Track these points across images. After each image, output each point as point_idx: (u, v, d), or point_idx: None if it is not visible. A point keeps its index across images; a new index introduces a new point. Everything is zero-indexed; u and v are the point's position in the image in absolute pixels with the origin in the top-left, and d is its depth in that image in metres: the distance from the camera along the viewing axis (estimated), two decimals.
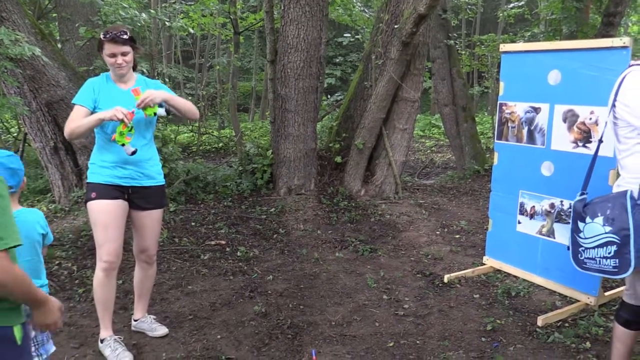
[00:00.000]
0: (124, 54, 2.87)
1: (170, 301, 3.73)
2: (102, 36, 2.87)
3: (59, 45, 7.10)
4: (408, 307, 3.65)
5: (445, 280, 4.08)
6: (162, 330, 3.24)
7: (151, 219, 3.09)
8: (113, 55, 2.86)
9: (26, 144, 6.82)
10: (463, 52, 11.95)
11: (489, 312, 3.56)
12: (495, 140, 4.20)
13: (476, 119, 9.76)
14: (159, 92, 2.90)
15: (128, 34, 2.88)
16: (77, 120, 2.79)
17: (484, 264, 4.34)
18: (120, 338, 3.04)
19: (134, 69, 3.06)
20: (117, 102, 2.83)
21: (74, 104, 2.88)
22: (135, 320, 3.30)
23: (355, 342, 3.17)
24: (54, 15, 8.48)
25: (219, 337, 3.23)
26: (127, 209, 2.97)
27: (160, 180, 3.09)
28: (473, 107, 10.76)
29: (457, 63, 8.93)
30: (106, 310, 3.01)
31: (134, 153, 2.84)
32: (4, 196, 1.53)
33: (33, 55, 4.40)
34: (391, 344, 3.15)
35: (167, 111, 2.97)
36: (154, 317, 3.35)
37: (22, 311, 1.66)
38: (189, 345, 3.14)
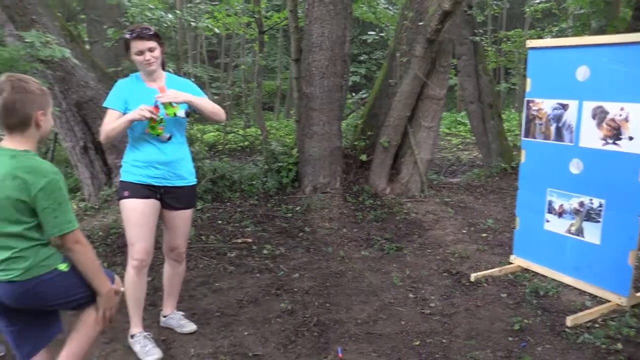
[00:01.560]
0: (151, 50, 2.89)
1: (198, 298, 3.79)
2: (127, 35, 2.89)
3: (88, 47, 7.26)
4: (434, 306, 3.63)
5: (472, 279, 4.05)
6: (190, 326, 3.30)
7: (182, 219, 3.13)
8: (141, 53, 2.88)
9: (57, 144, 6.99)
10: (489, 49, 11.82)
11: (517, 311, 3.53)
12: (523, 138, 4.15)
13: (503, 116, 9.63)
14: (182, 93, 2.91)
15: (152, 29, 2.91)
16: (110, 124, 2.86)
17: (512, 263, 4.30)
18: (149, 334, 3.10)
19: (163, 67, 3.08)
20: (147, 101, 2.86)
21: (106, 108, 2.94)
22: (164, 317, 3.35)
23: (381, 341, 3.18)
24: (83, 17, 8.67)
25: (245, 333, 3.27)
26: (159, 208, 3.01)
27: (191, 180, 3.12)
28: (500, 104, 10.63)
29: (483, 59, 8.82)
30: (137, 307, 3.07)
31: (169, 139, 2.90)
32: (64, 188, 1.96)
33: (63, 57, 4.50)
34: (417, 343, 3.14)
35: (187, 114, 2.99)
36: (183, 313, 3.40)
37: (60, 254, 2.11)
38: (217, 341, 3.18)
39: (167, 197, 3.03)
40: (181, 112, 2.93)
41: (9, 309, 2.07)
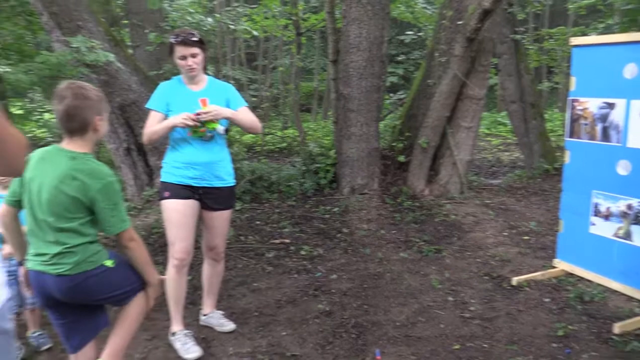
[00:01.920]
0: (193, 56, 2.94)
1: (236, 297, 3.83)
2: (172, 39, 2.95)
3: (130, 51, 7.44)
4: (474, 310, 3.57)
5: (514, 282, 3.96)
6: (229, 325, 3.34)
7: (221, 220, 3.17)
8: (184, 58, 2.94)
9: (101, 145, 7.19)
10: (531, 47, 11.53)
11: (561, 317, 3.43)
12: (567, 138, 4.03)
13: (545, 116, 9.38)
14: (224, 109, 2.95)
15: (197, 36, 2.95)
16: (152, 126, 2.93)
17: (555, 267, 4.18)
18: (190, 332, 3.15)
19: (204, 70, 3.13)
20: (188, 104, 2.93)
21: (148, 109, 3.01)
22: (204, 315, 3.41)
23: (420, 344, 3.14)
24: (125, 22, 8.89)
25: (283, 334, 3.29)
26: (198, 208, 3.07)
27: (230, 181, 3.15)
28: (542, 103, 10.37)
29: (525, 58, 8.62)
30: (177, 305, 3.13)
31: (212, 137, 2.96)
32: (119, 190, 2.12)
33: (107, 61, 4.64)
34: (457, 347, 3.09)
35: (227, 130, 3.05)
36: (222, 312, 3.45)
37: (105, 251, 2.22)
38: (255, 340, 3.21)
39: (206, 197, 3.07)
40: (220, 128, 2.97)
41: (59, 302, 2.16)
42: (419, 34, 10.63)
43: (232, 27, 7.72)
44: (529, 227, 5.33)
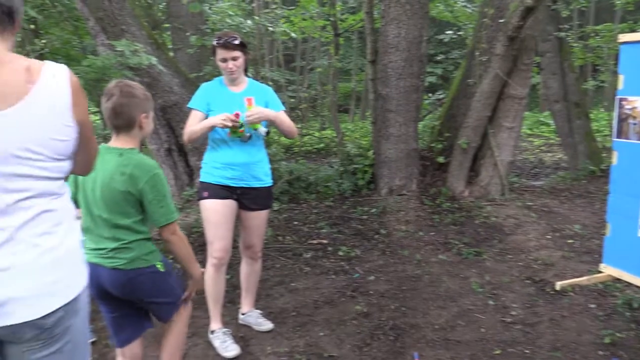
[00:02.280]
0: (234, 59, 2.97)
1: (274, 297, 3.85)
2: (214, 42, 2.99)
3: (172, 54, 7.59)
4: (516, 314, 3.49)
5: (557, 287, 3.85)
6: (267, 325, 3.36)
7: (258, 219, 3.20)
8: (224, 60, 2.98)
9: (143, 146, 7.37)
10: (575, 45, 11.20)
11: (607, 324, 3.31)
12: (614, 139, 3.89)
13: (591, 115, 9.09)
14: (268, 111, 2.99)
15: (239, 39, 2.98)
16: (192, 126, 2.98)
17: (601, 272, 4.04)
18: (229, 331, 3.19)
19: (245, 72, 3.17)
20: (228, 105, 2.97)
21: (190, 108, 3.06)
22: (242, 314, 3.44)
23: (460, 348, 3.09)
24: (167, 25, 9.09)
25: (321, 334, 3.29)
26: (236, 208, 3.10)
27: (267, 181, 3.18)
28: (587, 102, 10.05)
29: (569, 56, 8.38)
30: (216, 303, 3.17)
31: (250, 137, 2.98)
32: (166, 182, 2.17)
33: (150, 64, 4.74)
34: (498, 352, 3.03)
35: (267, 132, 3.07)
36: (260, 312, 3.47)
37: (158, 253, 2.28)
38: (293, 340, 3.22)
39: (244, 197, 3.10)
40: (262, 130, 3.01)
41: (111, 296, 2.24)
42: (459, 33, 10.45)
43: (270, 29, 7.76)
44: (573, 230, 5.18)
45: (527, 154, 12.41)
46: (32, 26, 7.03)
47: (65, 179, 1.54)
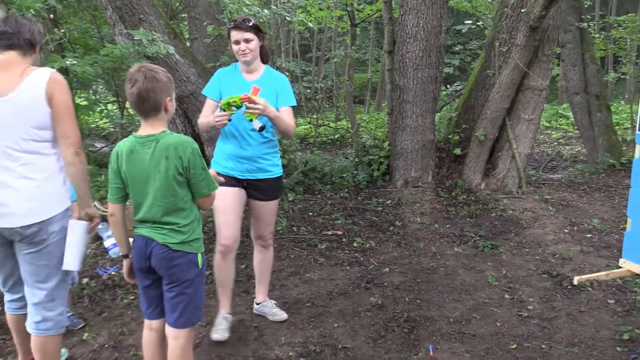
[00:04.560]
0: (247, 41, 2.92)
1: (289, 287, 3.86)
2: (229, 24, 2.97)
3: (188, 44, 7.60)
4: (532, 309, 3.45)
5: (575, 282, 3.80)
6: (282, 315, 3.36)
7: (267, 210, 3.19)
8: (237, 43, 2.93)
9: None
10: (597, 36, 10.99)
11: (626, 319, 3.26)
12: (638, 132, 3.81)
13: (611, 108, 8.93)
14: (271, 109, 2.86)
15: (252, 21, 2.93)
16: (205, 114, 2.98)
17: (621, 267, 3.98)
18: (229, 317, 3.19)
19: (264, 60, 3.11)
20: (238, 91, 2.88)
21: (204, 96, 3.06)
22: (257, 304, 3.45)
23: (475, 341, 3.06)
24: (184, 15, 9.09)
25: (335, 325, 3.28)
26: (244, 197, 3.09)
27: (275, 172, 3.13)
28: (608, 95, 9.87)
29: (591, 47, 8.23)
30: (223, 290, 3.17)
31: (262, 129, 2.86)
32: (201, 157, 2.22)
33: (167, 53, 4.75)
34: (514, 346, 3.00)
35: (261, 128, 2.87)
36: (275, 302, 3.48)
37: (202, 241, 2.36)
38: (307, 331, 3.22)
39: (251, 188, 3.09)
40: (257, 124, 2.85)
41: (153, 271, 2.29)
42: (478, 23, 10.32)
43: (288, 18, 7.73)
44: (591, 224, 5.10)
45: (545, 147, 12.26)
46: (52, 15, 7.07)
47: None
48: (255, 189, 3.10)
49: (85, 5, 7.59)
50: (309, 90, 13.60)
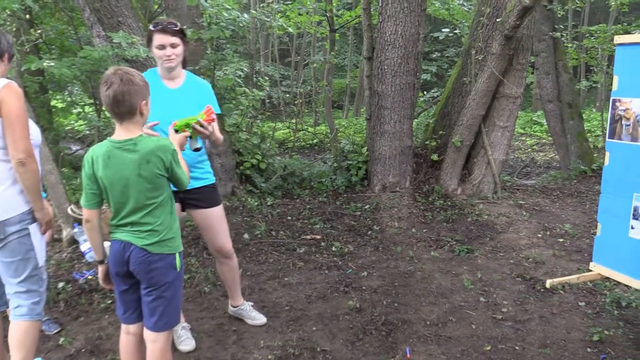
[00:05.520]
0: (173, 46, 2.78)
1: (267, 291, 3.87)
2: (151, 27, 2.81)
3: None
4: (506, 311, 3.53)
5: (548, 285, 3.90)
6: (261, 319, 3.37)
7: (214, 217, 3.07)
8: (162, 47, 2.78)
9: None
10: (570, 45, 11.25)
11: (596, 321, 3.36)
12: (607, 139, 3.94)
13: (583, 116, 9.15)
14: (218, 134, 2.76)
15: (178, 26, 2.83)
16: None
17: (591, 271, 4.09)
18: (187, 325, 3.21)
19: (184, 66, 2.97)
20: (161, 101, 2.75)
21: None
22: (233, 307, 3.44)
23: (451, 343, 3.12)
24: (162, 18, 9.04)
25: (314, 329, 3.31)
26: (180, 210, 2.96)
27: (210, 179, 3.05)
28: (580, 103, 10.11)
29: (564, 56, 8.43)
30: None
31: (197, 150, 2.72)
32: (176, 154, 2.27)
33: (147, 56, 4.72)
34: (488, 348, 3.07)
35: (197, 149, 2.73)
36: (252, 304, 3.49)
37: (180, 240, 2.37)
38: (286, 334, 3.24)
39: (190, 200, 2.98)
40: (194, 143, 2.69)
41: (131, 276, 2.31)
42: (455, 31, 10.49)
43: (268, 23, 7.75)
44: (564, 229, 5.23)
45: (519, 153, 12.51)
46: (28, 16, 6.97)
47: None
48: (195, 199, 2.99)
49: (62, 6, 7.50)
50: (288, 95, 13.63)
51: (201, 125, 2.62)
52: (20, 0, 4.47)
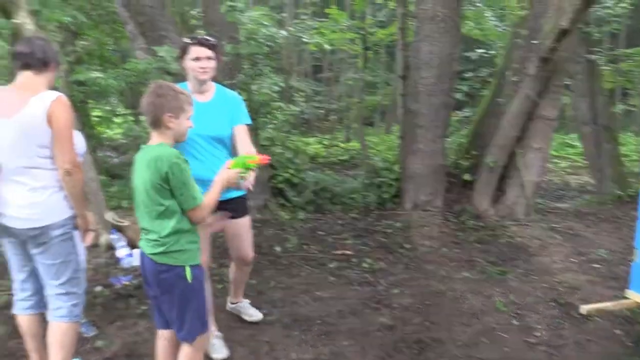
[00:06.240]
0: (208, 59, 2.87)
1: (300, 305, 3.91)
2: (188, 40, 2.90)
3: None
4: (540, 336, 3.49)
5: (583, 311, 3.83)
6: (257, 315, 3.52)
7: (243, 226, 3.18)
8: (198, 60, 2.85)
9: None
10: (606, 68, 11.11)
11: (634, 350, 3.30)
12: None
13: (619, 139, 9.00)
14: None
15: (214, 40, 2.92)
16: None
17: (628, 298, 4.01)
18: (220, 334, 3.25)
19: (214, 80, 3.06)
20: (195, 117, 2.70)
21: None
22: (232, 304, 3.59)
23: None
24: (202, 32, 9.26)
25: (345, 343, 3.33)
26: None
27: (242, 190, 3.04)
28: (616, 126, 9.94)
29: (600, 79, 8.33)
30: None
31: (245, 188, 2.68)
32: (187, 170, 2.27)
33: None
34: None
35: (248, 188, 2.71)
36: (249, 301, 3.62)
37: (195, 254, 2.38)
38: (317, 348, 3.27)
39: (223, 208, 2.90)
40: (248, 183, 2.65)
41: (150, 281, 2.38)
42: (490, 52, 10.46)
43: (305, 40, 7.88)
44: (599, 254, 5.14)
45: (552, 176, 12.30)
46: (73, 28, 7.24)
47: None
48: (226, 209, 2.97)
49: (106, 18, 7.76)
50: (322, 111, 13.75)
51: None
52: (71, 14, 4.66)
